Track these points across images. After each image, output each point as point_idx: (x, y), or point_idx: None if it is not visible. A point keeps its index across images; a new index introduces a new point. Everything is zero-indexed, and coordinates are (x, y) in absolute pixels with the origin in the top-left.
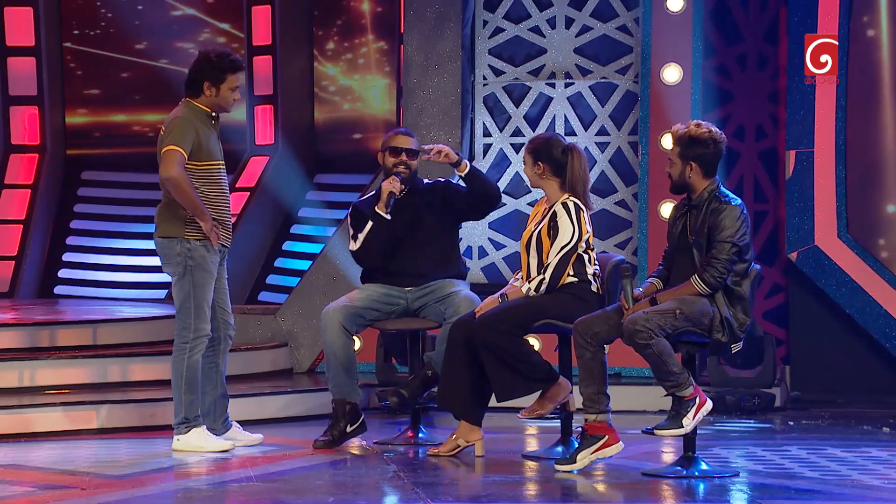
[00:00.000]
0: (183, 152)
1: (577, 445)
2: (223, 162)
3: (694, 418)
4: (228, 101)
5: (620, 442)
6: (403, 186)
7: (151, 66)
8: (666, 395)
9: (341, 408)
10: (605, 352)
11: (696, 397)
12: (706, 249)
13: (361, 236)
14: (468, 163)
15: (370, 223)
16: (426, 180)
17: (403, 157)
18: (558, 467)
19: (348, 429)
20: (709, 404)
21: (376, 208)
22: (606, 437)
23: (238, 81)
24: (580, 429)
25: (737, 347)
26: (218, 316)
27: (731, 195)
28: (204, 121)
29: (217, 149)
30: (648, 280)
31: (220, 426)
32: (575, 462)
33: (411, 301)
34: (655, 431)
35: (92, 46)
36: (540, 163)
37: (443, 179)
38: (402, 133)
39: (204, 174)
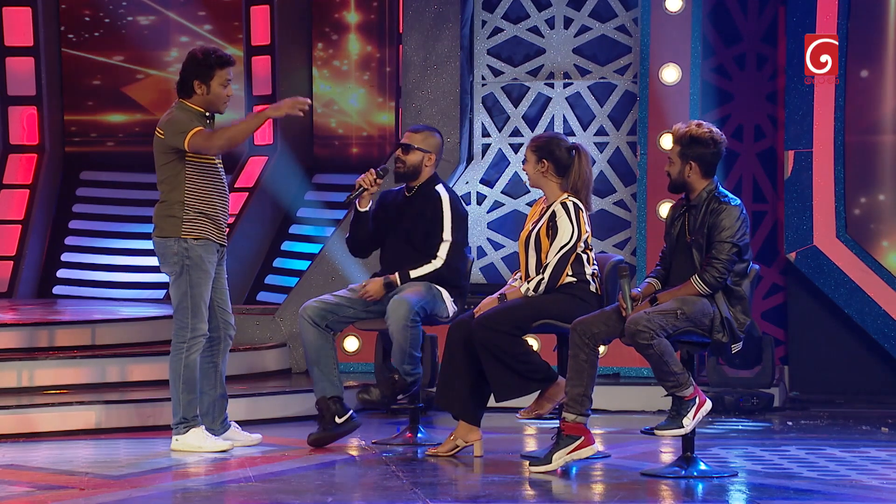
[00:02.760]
0: (199, 129)
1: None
2: (220, 160)
3: (694, 418)
4: (221, 97)
5: (595, 444)
6: (376, 179)
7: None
8: (666, 395)
9: (323, 404)
10: (599, 354)
11: (695, 397)
12: (706, 249)
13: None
14: (397, 277)
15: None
16: (439, 184)
17: (399, 151)
18: (533, 469)
19: (337, 419)
20: (708, 404)
21: (354, 199)
22: (582, 437)
23: (228, 76)
24: (556, 428)
25: (737, 348)
26: (218, 316)
27: (731, 195)
28: (199, 120)
29: None
30: (646, 280)
31: (218, 426)
32: (550, 462)
33: (389, 301)
34: (655, 432)
35: (89, 48)
36: (544, 160)
37: (442, 193)
38: (409, 129)
39: (201, 172)
